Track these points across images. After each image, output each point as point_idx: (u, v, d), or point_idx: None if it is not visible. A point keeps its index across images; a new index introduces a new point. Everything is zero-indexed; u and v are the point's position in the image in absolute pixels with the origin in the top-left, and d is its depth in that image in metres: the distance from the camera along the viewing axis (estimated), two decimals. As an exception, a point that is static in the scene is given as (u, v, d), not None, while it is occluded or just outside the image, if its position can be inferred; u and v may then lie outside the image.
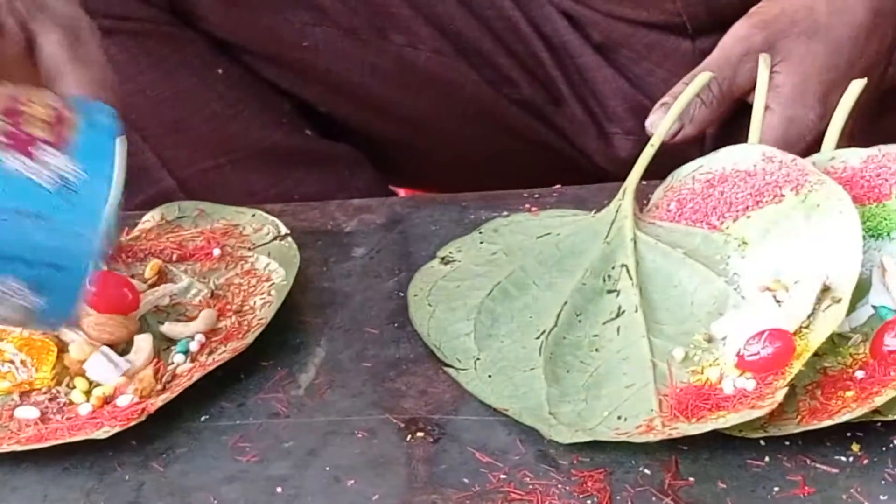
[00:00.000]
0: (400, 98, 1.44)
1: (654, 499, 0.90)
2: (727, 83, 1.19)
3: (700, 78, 1.17)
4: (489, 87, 1.45)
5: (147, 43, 1.31)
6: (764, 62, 1.15)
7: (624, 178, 1.12)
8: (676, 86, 1.19)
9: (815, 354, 0.94)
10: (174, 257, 1.11)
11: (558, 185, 1.20)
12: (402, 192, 1.60)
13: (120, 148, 1.02)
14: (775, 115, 1.15)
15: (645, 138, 1.17)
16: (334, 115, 1.46)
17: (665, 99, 1.18)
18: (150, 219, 1.15)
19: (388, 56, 1.40)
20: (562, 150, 1.47)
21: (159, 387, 0.98)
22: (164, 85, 1.33)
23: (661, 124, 1.14)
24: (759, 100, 1.15)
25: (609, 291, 1.04)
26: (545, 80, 1.45)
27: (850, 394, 0.93)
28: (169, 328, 1.03)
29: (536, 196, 1.19)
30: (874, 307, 0.99)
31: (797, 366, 0.93)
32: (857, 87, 1.11)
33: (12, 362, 0.99)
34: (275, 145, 1.41)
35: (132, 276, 1.07)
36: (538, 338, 1.01)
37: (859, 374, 0.94)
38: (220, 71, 1.37)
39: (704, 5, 1.38)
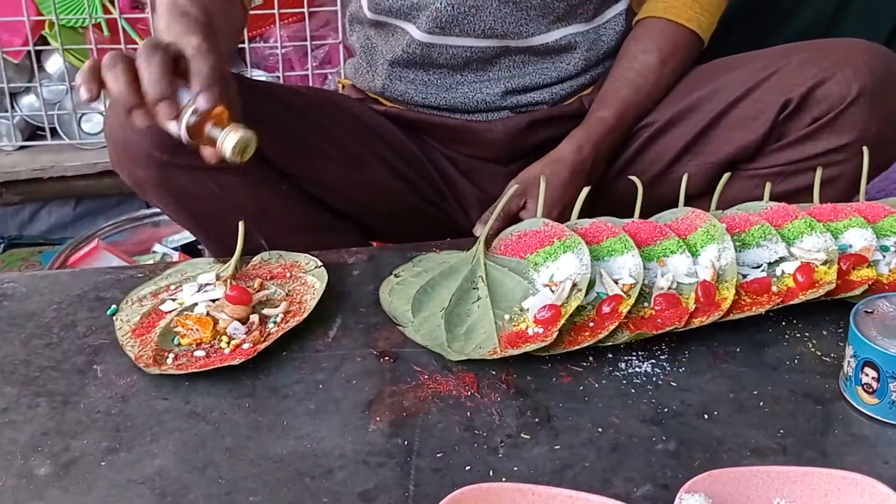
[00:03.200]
0: (371, 199, 1.37)
1: (497, 384, 0.94)
2: (506, 210, 1.19)
3: (500, 204, 1.15)
4: (412, 193, 1.41)
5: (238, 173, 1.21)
6: (544, 180, 1.16)
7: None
8: (487, 211, 1.21)
9: (570, 316, 0.98)
10: (268, 277, 1.11)
11: (448, 239, 1.21)
12: (374, 244, 1.43)
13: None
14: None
15: (486, 218, 1.18)
16: (340, 206, 1.35)
17: (483, 216, 1.21)
18: (257, 259, 1.15)
19: (365, 180, 1.34)
20: (447, 222, 1.43)
21: (262, 339, 1.00)
22: (252, 196, 1.24)
23: (483, 230, 1.13)
24: (541, 202, 1.15)
25: (474, 288, 1.05)
26: (438, 189, 1.43)
27: (587, 333, 0.98)
28: (266, 311, 1.04)
29: (439, 244, 1.19)
30: (598, 293, 1.02)
31: (561, 321, 0.97)
32: (584, 193, 1.13)
33: (192, 329, 1.01)
34: (310, 222, 1.32)
35: (248, 287, 1.06)
36: (441, 311, 1.02)
37: (591, 324, 0.99)
38: (284, 187, 1.28)
39: (511, 149, 1.39)
